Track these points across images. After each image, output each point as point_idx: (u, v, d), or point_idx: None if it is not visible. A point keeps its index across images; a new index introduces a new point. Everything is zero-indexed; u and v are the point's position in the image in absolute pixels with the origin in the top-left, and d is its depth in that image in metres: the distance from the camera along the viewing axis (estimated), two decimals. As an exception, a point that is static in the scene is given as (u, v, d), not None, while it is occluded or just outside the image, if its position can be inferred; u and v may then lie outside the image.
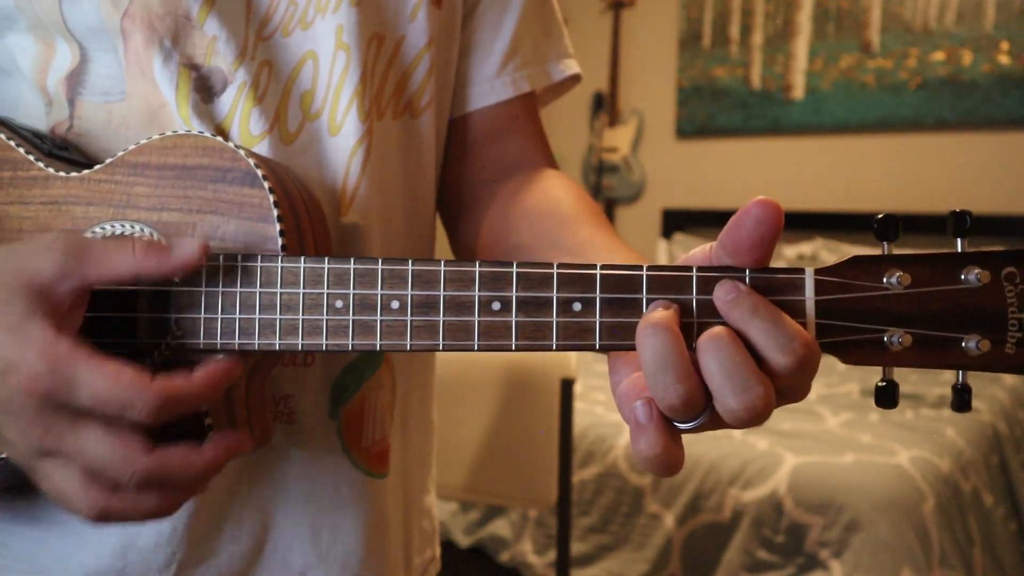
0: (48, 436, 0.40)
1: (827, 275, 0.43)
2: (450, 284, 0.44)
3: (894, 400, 0.44)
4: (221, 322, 0.46)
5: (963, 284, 0.42)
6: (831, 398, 2.42)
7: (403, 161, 0.62)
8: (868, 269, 0.43)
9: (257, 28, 0.55)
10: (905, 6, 3.34)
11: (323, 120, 0.57)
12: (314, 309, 0.45)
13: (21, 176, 0.49)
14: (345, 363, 0.59)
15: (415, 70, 0.61)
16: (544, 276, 0.44)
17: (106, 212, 0.48)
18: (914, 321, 0.42)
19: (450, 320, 0.44)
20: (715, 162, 3.82)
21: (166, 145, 0.48)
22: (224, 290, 0.46)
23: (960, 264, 0.42)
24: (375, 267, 0.45)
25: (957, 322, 0.42)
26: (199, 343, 0.46)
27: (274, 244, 0.46)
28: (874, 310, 0.43)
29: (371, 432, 0.61)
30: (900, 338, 0.42)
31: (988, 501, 2.05)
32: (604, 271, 0.44)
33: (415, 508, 0.69)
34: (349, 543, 0.60)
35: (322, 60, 0.56)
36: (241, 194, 0.47)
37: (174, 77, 0.52)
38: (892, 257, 0.43)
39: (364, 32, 0.57)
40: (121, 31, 0.52)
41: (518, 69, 0.68)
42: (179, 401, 0.41)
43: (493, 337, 0.44)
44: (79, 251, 0.42)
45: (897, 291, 0.42)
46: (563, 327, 0.44)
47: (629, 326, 0.44)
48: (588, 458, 2.02)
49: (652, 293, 0.44)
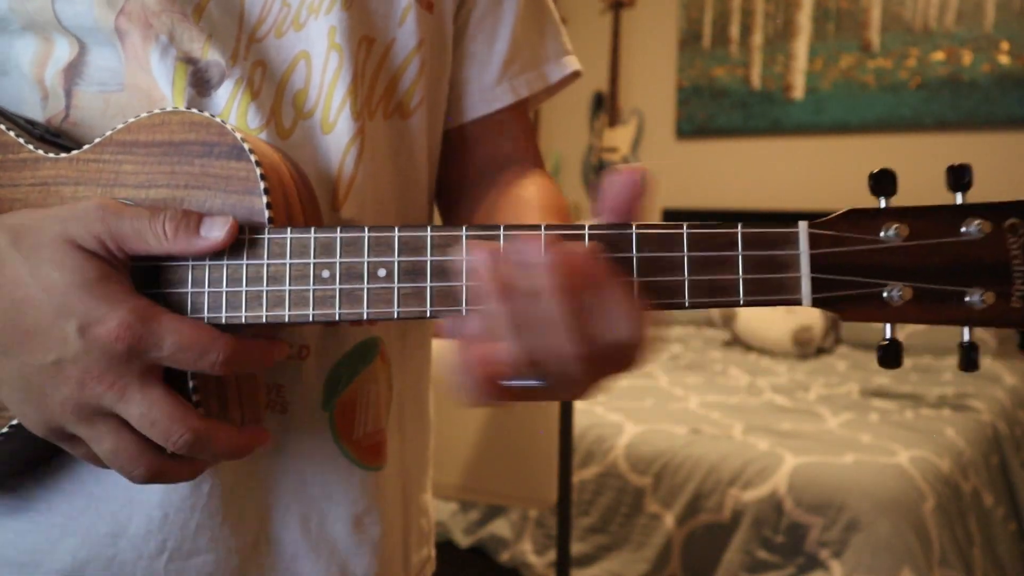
0: (114, 388, 0.43)
1: (822, 228, 0.42)
2: (437, 250, 0.44)
3: (897, 359, 0.42)
4: (208, 296, 0.46)
5: (964, 236, 0.40)
6: (831, 398, 2.42)
7: (394, 161, 0.62)
8: (864, 222, 0.41)
9: (251, 30, 0.56)
10: (905, 6, 3.34)
11: (316, 119, 0.57)
12: (301, 280, 0.45)
13: (11, 159, 0.49)
14: (340, 356, 0.60)
15: (404, 72, 0.62)
16: (531, 238, 0.43)
17: (94, 191, 0.48)
18: (914, 275, 0.41)
19: (438, 285, 0.44)
20: (715, 162, 3.82)
21: (154, 123, 0.48)
22: (211, 263, 0.46)
23: (961, 216, 0.40)
24: (361, 235, 0.45)
25: (959, 275, 0.40)
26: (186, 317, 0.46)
27: (261, 217, 0.46)
28: (872, 264, 0.41)
29: (363, 424, 0.62)
30: (900, 292, 0.41)
31: (988, 501, 2.05)
32: (593, 230, 0.43)
33: (413, 505, 0.70)
34: (337, 530, 0.61)
35: (315, 60, 0.57)
36: (227, 167, 0.46)
37: (171, 71, 0.53)
38: (889, 210, 0.41)
39: (354, 34, 0.58)
40: (117, 29, 0.52)
41: (516, 75, 0.69)
42: (247, 354, 0.45)
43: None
44: (114, 225, 0.44)
45: (895, 244, 0.41)
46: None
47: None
48: (588, 458, 2.02)
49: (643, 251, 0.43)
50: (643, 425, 2.07)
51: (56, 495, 0.54)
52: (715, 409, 2.26)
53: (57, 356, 0.43)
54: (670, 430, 2.05)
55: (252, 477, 0.58)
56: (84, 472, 0.54)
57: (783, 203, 3.56)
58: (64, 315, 0.43)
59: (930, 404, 2.35)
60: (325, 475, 0.60)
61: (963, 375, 2.67)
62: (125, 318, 0.42)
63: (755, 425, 2.10)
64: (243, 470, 0.57)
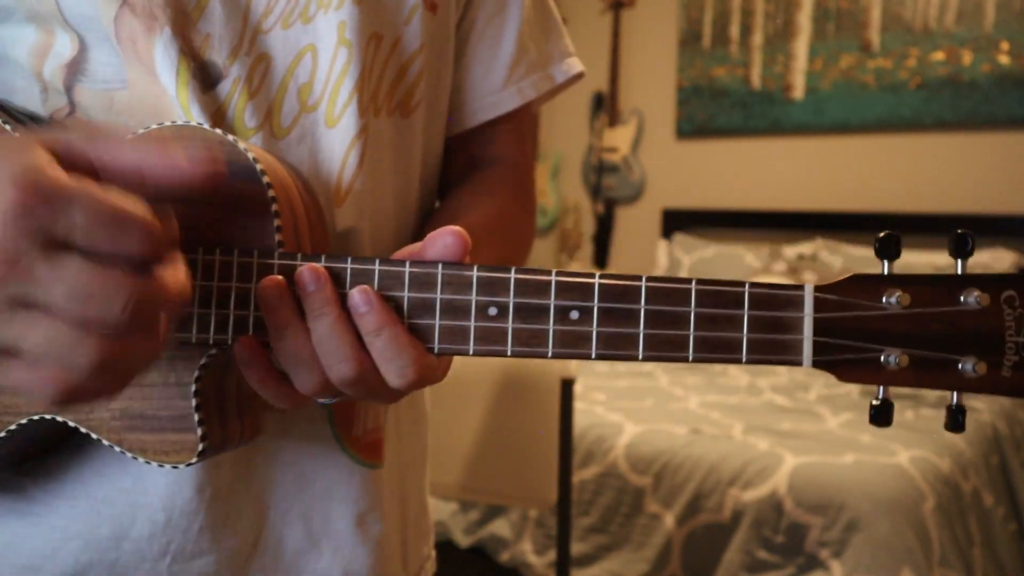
0: (19, 267, 0.34)
1: (827, 292, 0.43)
2: (447, 287, 0.45)
3: (888, 419, 0.44)
4: (215, 317, 0.45)
5: (963, 306, 0.42)
6: (831, 398, 2.42)
7: (394, 159, 0.63)
8: (868, 288, 0.43)
9: (256, 22, 0.55)
10: (905, 6, 3.34)
11: (320, 112, 0.57)
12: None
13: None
14: None
15: (408, 71, 0.62)
16: (542, 283, 0.44)
17: None
18: (912, 341, 0.42)
19: (446, 323, 0.45)
20: (715, 162, 3.82)
21: (164, 135, 0.47)
22: (219, 285, 0.45)
23: (960, 286, 0.42)
24: (372, 267, 0.45)
25: (955, 344, 0.42)
26: (191, 337, 0.46)
27: (271, 240, 0.46)
28: (872, 329, 0.43)
29: (363, 422, 0.62)
30: (897, 358, 0.42)
31: (988, 501, 2.05)
32: (603, 280, 0.44)
33: (411, 503, 0.70)
34: (340, 530, 0.61)
35: (321, 54, 0.57)
36: (239, 189, 0.46)
37: (174, 65, 0.52)
38: (893, 277, 0.43)
39: (365, 30, 0.58)
40: (116, 20, 0.52)
41: (523, 77, 0.70)
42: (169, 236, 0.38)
43: (489, 342, 0.45)
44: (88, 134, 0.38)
45: (896, 311, 0.42)
46: (559, 335, 0.44)
47: (626, 336, 0.44)
48: (588, 458, 2.02)
49: (650, 304, 0.44)
50: (643, 425, 2.07)
51: (58, 499, 0.54)
52: (715, 409, 2.26)
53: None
54: (670, 430, 2.05)
55: (253, 476, 0.58)
56: (87, 474, 0.54)
57: (783, 203, 3.56)
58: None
59: (930, 404, 2.35)
60: (326, 473, 0.60)
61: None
62: (21, 171, 0.33)
63: (755, 425, 2.10)
64: (243, 469, 0.57)
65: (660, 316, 0.44)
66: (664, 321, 0.44)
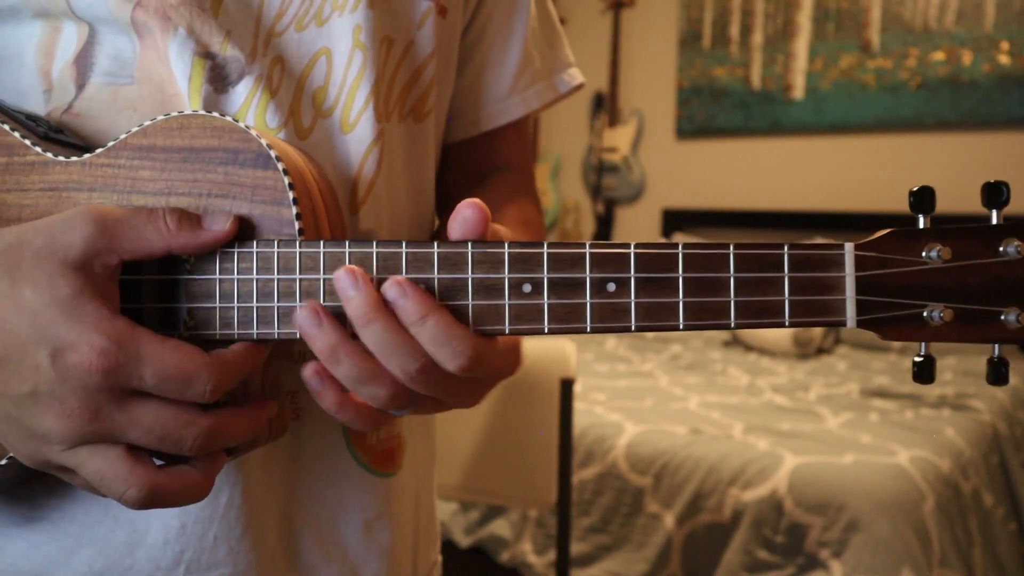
0: (98, 418, 0.39)
1: (867, 250, 0.42)
2: (478, 266, 0.43)
3: (931, 375, 0.43)
4: (238, 311, 0.44)
5: (1003, 257, 0.41)
6: (831, 398, 2.42)
7: (407, 164, 0.62)
8: (908, 243, 0.42)
9: (269, 25, 0.54)
10: (905, 6, 3.34)
11: (335, 117, 0.56)
12: (336, 296, 0.43)
13: (17, 162, 0.47)
14: None
15: (421, 75, 0.61)
16: (576, 256, 0.43)
17: (110, 198, 0.46)
18: (954, 295, 0.41)
19: (479, 304, 0.43)
20: (715, 162, 3.82)
21: (171, 126, 0.46)
22: (240, 277, 0.44)
23: (999, 236, 0.41)
24: (399, 250, 0.43)
25: (997, 295, 0.41)
26: (215, 333, 0.44)
27: (290, 228, 0.44)
28: (914, 285, 0.42)
29: (377, 430, 0.61)
30: (941, 313, 0.42)
31: (988, 501, 2.05)
32: (638, 249, 0.43)
33: (423, 509, 0.70)
34: (347, 536, 0.60)
35: (336, 58, 0.56)
36: (254, 176, 0.45)
37: (188, 66, 0.51)
38: (932, 231, 0.42)
39: (378, 34, 0.57)
40: (133, 21, 0.51)
41: (528, 87, 0.70)
42: (234, 373, 0.42)
43: (524, 321, 0.43)
44: (110, 224, 0.41)
45: (937, 265, 0.42)
46: (597, 309, 0.43)
47: (665, 306, 0.43)
48: (588, 458, 2.02)
49: (688, 271, 0.43)
50: (643, 425, 2.07)
51: (71, 504, 0.54)
52: (715, 409, 2.26)
53: (32, 387, 0.39)
54: (670, 430, 2.05)
55: (269, 487, 0.57)
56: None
57: (783, 203, 3.56)
58: (36, 341, 0.39)
59: (930, 404, 2.34)
60: (338, 481, 0.59)
61: (963, 375, 2.67)
62: (98, 344, 0.38)
63: (755, 425, 2.10)
64: (259, 480, 0.56)
65: (699, 283, 0.43)
66: (703, 288, 0.43)
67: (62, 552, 0.53)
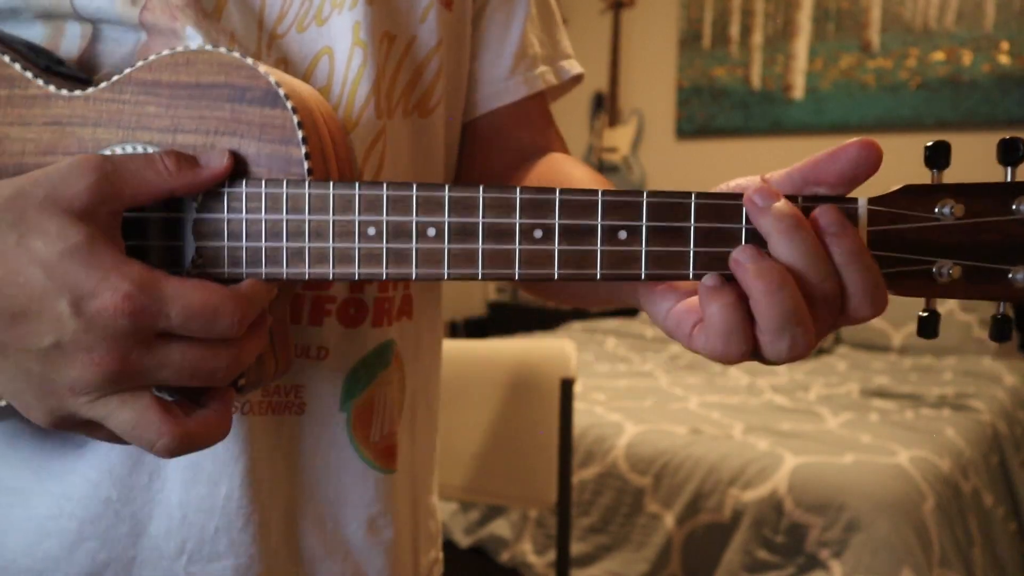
0: (127, 363, 0.39)
1: (880, 205, 0.42)
2: (489, 211, 0.42)
3: (935, 330, 0.43)
4: (246, 250, 0.43)
5: (1016, 215, 0.41)
6: (831, 398, 2.42)
7: (413, 160, 0.62)
8: (921, 199, 0.41)
9: (271, 27, 0.54)
10: (905, 6, 3.34)
11: (339, 115, 0.56)
12: (345, 236, 0.43)
13: (19, 94, 0.45)
14: (359, 357, 0.59)
15: (425, 70, 0.61)
16: (588, 203, 0.42)
17: (115, 134, 0.45)
18: (964, 252, 0.41)
19: (489, 248, 0.43)
20: (715, 162, 3.82)
21: (178, 62, 0.44)
22: (248, 217, 0.43)
23: (1013, 193, 0.41)
24: (409, 193, 0.43)
25: (1007, 253, 0.41)
26: (223, 272, 0.44)
27: (299, 168, 0.44)
28: (925, 241, 0.41)
29: (380, 427, 0.61)
30: (950, 270, 0.41)
31: (988, 501, 2.05)
32: (651, 198, 0.42)
33: (422, 507, 0.70)
34: (350, 533, 0.60)
35: (338, 56, 0.56)
36: (262, 115, 0.44)
37: None
38: (946, 187, 0.41)
39: (377, 30, 0.57)
40: (142, 23, 0.51)
41: (529, 69, 0.69)
42: (255, 306, 0.42)
43: (535, 266, 0.42)
44: (110, 171, 0.40)
45: (949, 221, 0.41)
46: (607, 256, 0.42)
47: (676, 255, 0.42)
48: (588, 458, 2.02)
49: (700, 221, 0.42)
50: (643, 425, 2.07)
51: (69, 503, 0.54)
52: (715, 409, 2.26)
53: (55, 338, 0.38)
54: (670, 430, 2.05)
55: (273, 481, 0.57)
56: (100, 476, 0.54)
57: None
58: (55, 291, 0.38)
59: (930, 404, 2.35)
60: (340, 477, 0.59)
61: (963, 375, 2.67)
62: (121, 287, 0.38)
63: (755, 425, 2.10)
64: (262, 473, 0.56)
65: (711, 233, 0.42)
66: (715, 238, 0.42)
67: (63, 548, 0.54)
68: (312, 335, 0.57)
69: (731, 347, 0.41)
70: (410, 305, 0.64)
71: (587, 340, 3.27)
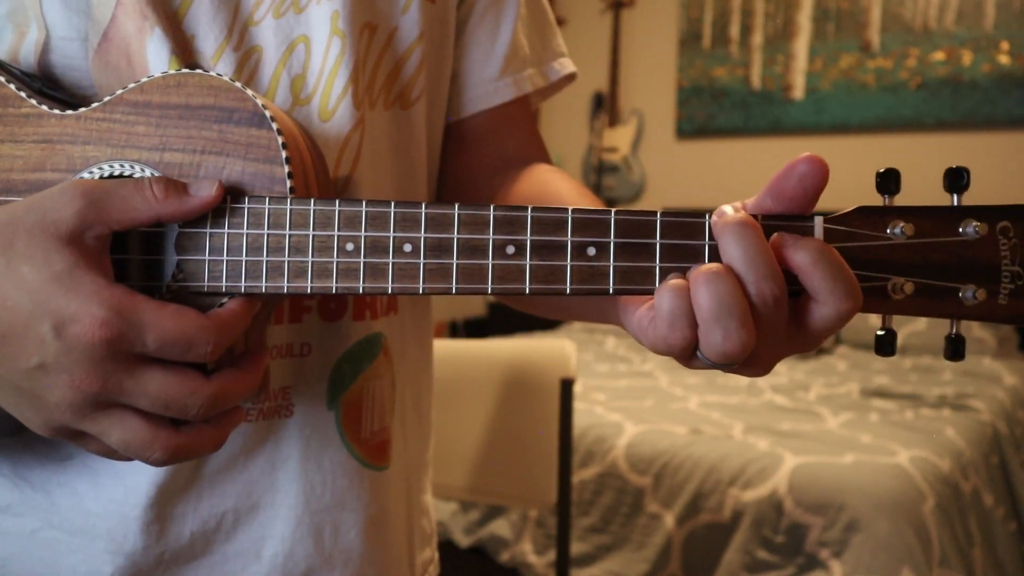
0: (107, 386, 0.40)
1: (835, 224, 0.44)
2: (464, 227, 0.44)
3: (892, 348, 0.45)
4: (227, 264, 0.45)
5: (962, 236, 0.43)
6: (831, 398, 2.42)
7: (393, 152, 0.62)
8: (873, 219, 0.44)
9: (248, 13, 0.55)
10: (905, 6, 3.34)
11: (314, 105, 0.56)
12: (324, 251, 0.44)
13: (12, 113, 0.47)
14: (342, 352, 0.59)
15: (407, 62, 0.61)
16: (558, 220, 0.44)
17: (104, 152, 0.46)
18: (916, 270, 0.43)
19: (464, 263, 0.44)
20: (715, 162, 3.82)
21: (168, 84, 0.46)
22: (230, 231, 0.45)
23: (959, 217, 0.43)
24: (387, 210, 0.44)
25: (955, 272, 0.43)
26: (203, 286, 0.45)
27: (282, 186, 0.45)
28: (878, 259, 0.44)
29: (370, 423, 0.61)
30: (903, 286, 0.43)
31: (988, 501, 2.05)
32: (619, 216, 0.44)
33: (415, 506, 0.69)
34: (351, 538, 0.60)
35: (315, 45, 0.56)
36: (248, 135, 0.46)
37: (166, 65, 0.52)
38: (897, 208, 0.44)
39: (357, 20, 0.57)
40: (111, 21, 0.51)
41: (518, 71, 0.69)
42: (231, 331, 0.43)
43: (507, 280, 0.44)
44: (98, 197, 0.41)
45: (900, 241, 0.43)
46: (577, 271, 0.44)
47: (642, 271, 0.44)
48: (588, 458, 2.02)
49: (666, 238, 0.44)
50: (643, 425, 2.07)
51: (55, 515, 0.54)
52: (715, 409, 2.26)
53: (39, 359, 0.40)
54: (670, 430, 2.05)
55: (256, 491, 0.57)
56: (80, 485, 0.54)
57: (783, 203, 3.56)
58: (38, 315, 0.40)
59: (930, 404, 2.35)
60: (336, 481, 0.59)
61: (963, 375, 2.67)
62: (99, 314, 0.39)
63: (755, 425, 2.10)
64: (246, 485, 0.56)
65: (676, 249, 0.44)
66: (680, 254, 0.44)
67: (51, 557, 0.54)
68: (293, 332, 0.57)
69: (674, 332, 0.42)
70: (396, 298, 0.64)
71: (587, 340, 3.27)
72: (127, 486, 0.53)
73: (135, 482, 0.53)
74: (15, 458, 0.54)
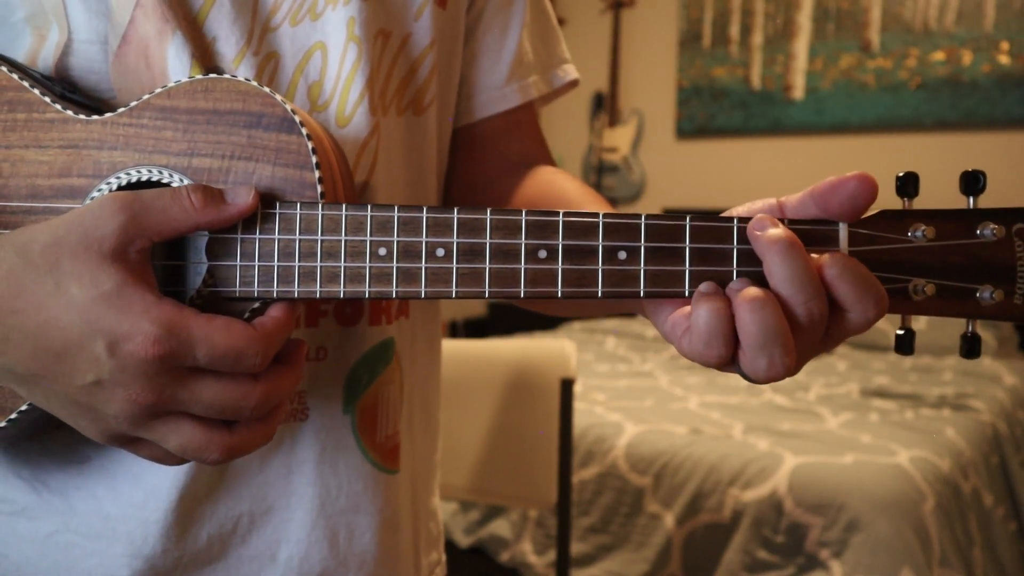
0: (162, 398, 0.42)
1: (859, 227, 0.45)
2: (496, 232, 0.45)
3: (911, 347, 0.46)
4: (258, 270, 0.45)
5: (980, 238, 0.45)
6: (831, 398, 2.42)
7: (406, 158, 0.62)
8: (895, 223, 0.45)
9: (265, 19, 0.55)
10: (905, 6, 3.34)
11: (331, 112, 0.56)
12: (357, 256, 0.45)
13: (37, 118, 0.47)
14: (358, 356, 0.59)
15: (419, 68, 0.61)
16: (589, 225, 0.45)
17: (131, 157, 0.46)
18: (936, 272, 0.45)
19: (496, 267, 0.45)
20: (715, 162, 3.82)
21: (196, 89, 0.46)
22: (262, 237, 0.45)
23: (977, 219, 0.45)
24: (419, 215, 0.45)
25: (973, 273, 0.45)
26: (235, 291, 0.45)
27: (312, 191, 0.45)
28: (900, 261, 0.45)
29: (384, 426, 0.61)
30: (924, 287, 0.45)
31: (988, 501, 2.05)
32: (649, 220, 0.45)
33: (423, 508, 0.69)
34: (365, 542, 0.60)
35: (331, 52, 0.56)
36: (277, 140, 0.46)
37: (187, 70, 0.51)
38: (918, 212, 0.45)
39: (372, 27, 0.57)
40: (130, 23, 0.51)
41: (524, 77, 0.70)
42: (277, 339, 0.44)
43: (539, 284, 0.45)
44: (138, 211, 0.42)
45: (921, 244, 0.45)
46: (608, 275, 0.45)
47: (672, 274, 0.45)
48: (588, 458, 2.02)
49: (695, 243, 0.45)
50: (643, 425, 2.07)
51: (72, 519, 0.54)
52: (715, 409, 2.26)
53: (95, 376, 0.41)
54: (670, 430, 2.05)
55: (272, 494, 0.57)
56: (99, 489, 0.54)
57: (783, 203, 3.56)
58: (91, 335, 0.40)
59: (930, 404, 2.35)
60: (351, 484, 0.59)
61: (963, 375, 2.67)
62: (151, 332, 0.40)
63: (755, 425, 2.10)
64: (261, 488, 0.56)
65: (705, 253, 0.45)
66: (709, 258, 0.45)
67: (68, 560, 0.54)
68: (309, 336, 0.57)
69: (710, 350, 0.43)
70: (407, 304, 0.64)
71: (587, 340, 3.27)
72: (147, 490, 0.53)
73: (155, 486, 0.53)
74: (34, 461, 0.54)
